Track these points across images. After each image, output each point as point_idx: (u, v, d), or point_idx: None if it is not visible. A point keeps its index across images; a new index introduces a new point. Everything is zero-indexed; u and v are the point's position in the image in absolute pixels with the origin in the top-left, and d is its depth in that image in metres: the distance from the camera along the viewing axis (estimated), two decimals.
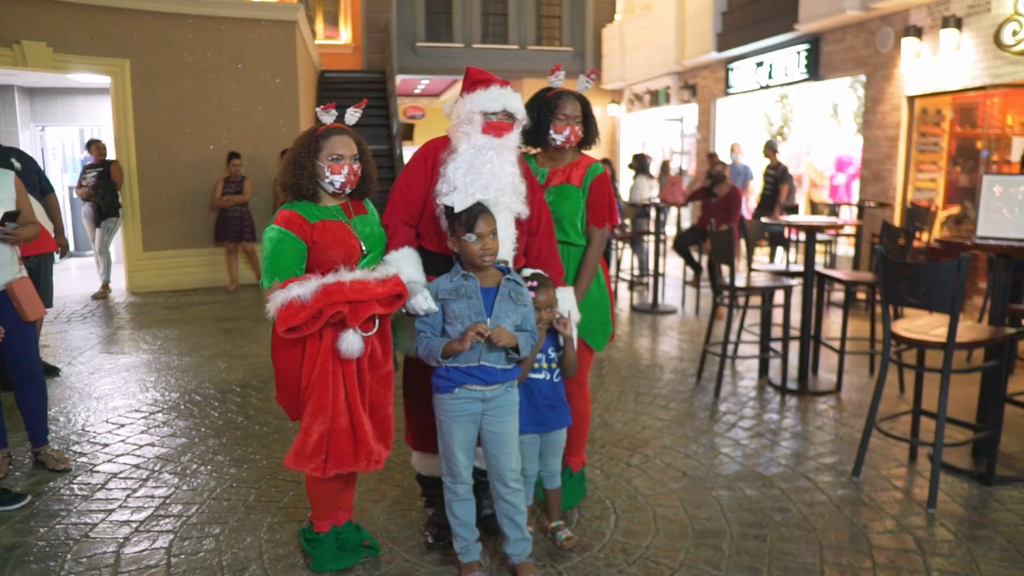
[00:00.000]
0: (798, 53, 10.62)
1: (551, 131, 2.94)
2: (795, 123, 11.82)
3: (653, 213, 7.60)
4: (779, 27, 10.61)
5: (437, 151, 2.74)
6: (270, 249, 2.49)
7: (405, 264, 2.60)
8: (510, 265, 2.67)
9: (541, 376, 2.75)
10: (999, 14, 7.47)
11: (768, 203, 9.06)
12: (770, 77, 11.32)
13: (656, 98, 15.37)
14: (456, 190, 2.57)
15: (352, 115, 2.69)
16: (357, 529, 2.87)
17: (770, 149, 9.51)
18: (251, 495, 3.35)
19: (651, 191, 8.56)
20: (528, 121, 2.80)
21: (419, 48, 17.98)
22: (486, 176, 2.59)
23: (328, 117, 2.65)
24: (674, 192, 7.27)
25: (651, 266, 7.55)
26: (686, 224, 12.60)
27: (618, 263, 8.57)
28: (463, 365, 2.50)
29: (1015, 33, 7.26)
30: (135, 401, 4.68)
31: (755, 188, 10.34)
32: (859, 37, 9.51)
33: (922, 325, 3.57)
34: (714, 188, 7.11)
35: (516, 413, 2.62)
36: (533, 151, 3.10)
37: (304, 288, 2.41)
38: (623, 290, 8.57)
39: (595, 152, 3.27)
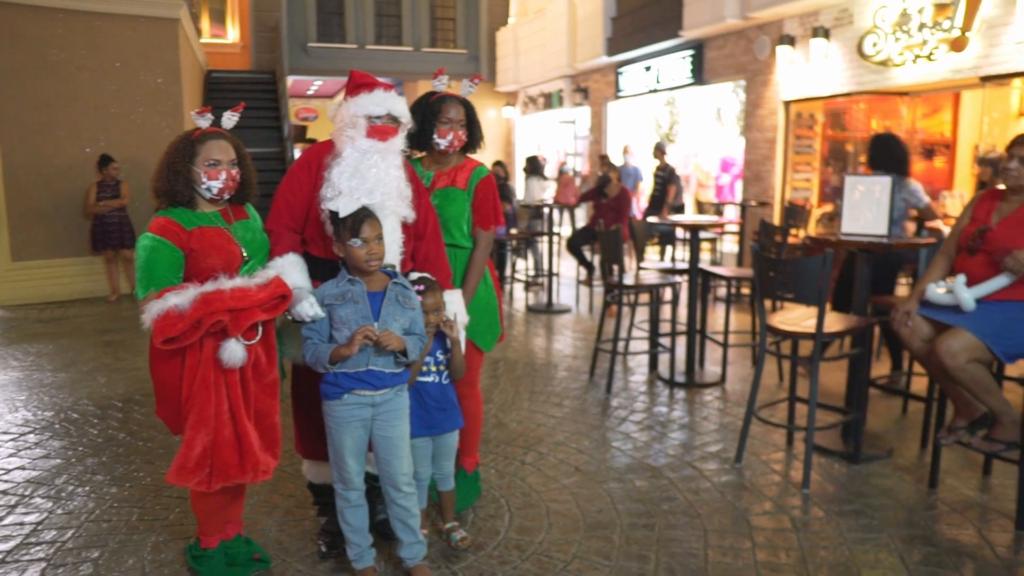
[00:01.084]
0: (683, 59, 11.04)
1: (435, 135, 2.95)
2: (682, 126, 12.28)
3: (548, 214, 7.73)
4: (665, 33, 11.00)
5: (321, 155, 2.71)
6: (144, 258, 2.40)
7: (290, 270, 2.56)
8: (397, 269, 2.67)
9: (430, 379, 2.76)
10: (861, 26, 8.01)
11: (657, 203, 9.38)
12: (658, 81, 11.72)
13: (550, 100, 15.63)
14: (341, 195, 2.55)
15: (229, 119, 2.62)
16: (247, 542, 2.80)
17: (659, 151, 9.84)
18: (134, 515, 3.21)
19: (544, 193, 8.71)
20: (413, 125, 2.81)
21: (311, 49, 17.63)
22: (371, 180, 2.59)
23: (204, 121, 2.58)
24: (566, 193, 7.42)
25: (546, 266, 7.68)
26: (582, 225, 12.88)
27: (513, 265, 8.67)
28: (351, 370, 2.48)
29: (875, 44, 7.80)
30: (2, 423, 4.39)
31: (646, 189, 10.67)
32: (739, 44, 9.98)
33: (795, 317, 3.79)
34: (604, 189, 7.31)
35: (406, 417, 2.62)
36: (419, 155, 3.11)
37: (181, 297, 2.34)
38: (519, 291, 8.68)
39: (490, 154, 3.32)
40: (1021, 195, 3.24)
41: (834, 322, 3.63)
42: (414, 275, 2.73)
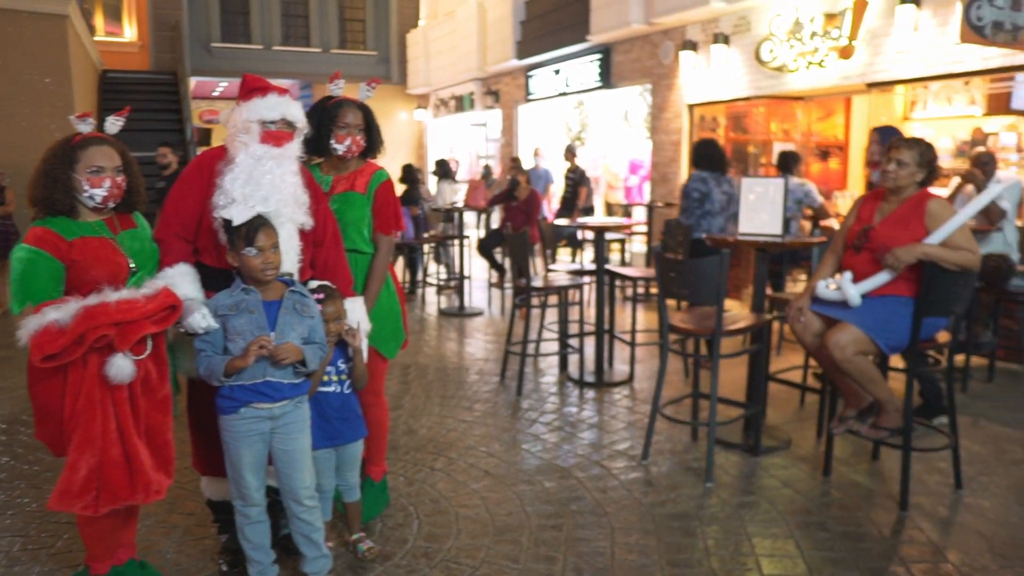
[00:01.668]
0: (592, 62, 11.22)
1: (332, 140, 2.90)
2: (592, 128, 12.48)
3: (459, 217, 7.72)
4: (573, 37, 11.16)
5: (213, 161, 2.62)
6: (19, 271, 2.27)
7: (180, 281, 2.46)
8: (295, 277, 2.61)
9: (331, 389, 2.71)
10: (758, 33, 8.32)
11: (569, 205, 9.50)
12: (567, 85, 11.87)
13: (461, 103, 15.62)
14: (234, 202, 2.47)
15: (113, 124, 2.50)
16: (141, 566, 2.68)
17: (570, 153, 9.98)
18: (16, 544, 3.02)
19: (455, 196, 8.70)
20: (309, 130, 2.76)
21: (214, 49, 17.09)
22: (266, 187, 2.52)
23: (84, 126, 2.45)
24: (476, 197, 7.43)
25: (458, 269, 7.67)
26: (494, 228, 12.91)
27: (425, 269, 8.62)
28: (248, 383, 2.41)
29: (771, 51, 8.12)
30: None
31: (557, 191, 10.79)
32: (644, 49, 10.21)
33: (697, 316, 3.89)
34: (514, 192, 7.36)
35: (307, 429, 2.56)
36: (317, 160, 3.05)
37: (62, 312, 2.22)
38: (431, 294, 8.64)
39: (403, 157, 3.28)
40: (900, 196, 3.43)
41: (732, 320, 3.75)
42: (313, 283, 2.67)
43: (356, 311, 2.78)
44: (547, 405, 4.69)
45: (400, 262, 8.11)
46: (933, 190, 3.51)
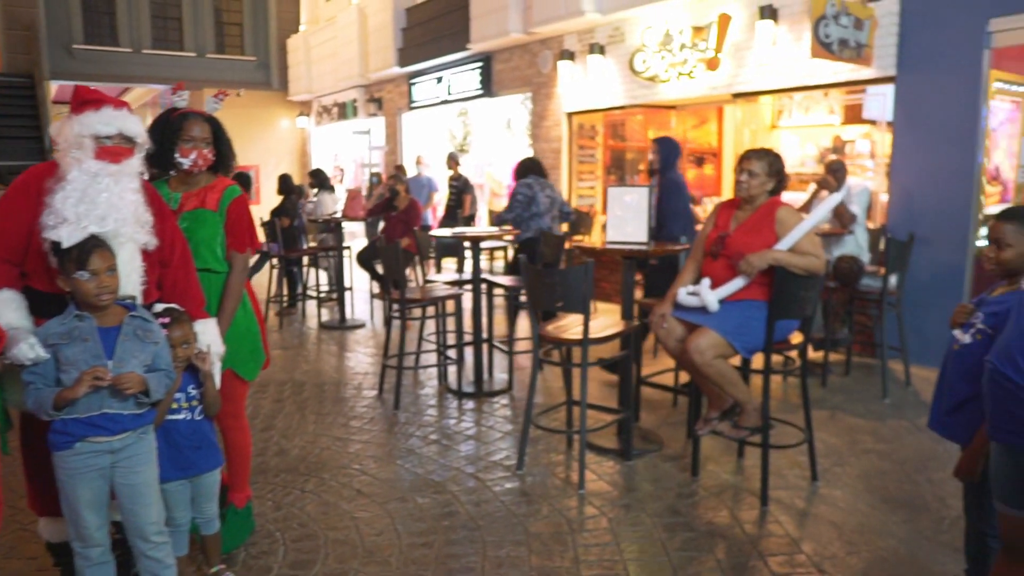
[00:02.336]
0: (473, 71, 11.26)
1: (177, 154, 2.76)
2: (475, 136, 12.52)
3: (338, 228, 7.55)
4: (454, 45, 11.16)
5: (42, 178, 2.44)
6: None
7: (4, 308, 2.28)
8: (138, 301, 2.46)
9: (181, 416, 2.57)
10: (631, 44, 8.56)
11: (453, 213, 9.48)
12: (449, 93, 11.87)
13: (344, 111, 15.35)
14: (66, 222, 2.30)
15: None
16: None
17: (452, 161, 9.96)
18: None
19: (335, 206, 8.52)
20: (151, 145, 2.61)
21: (77, 51, 16.11)
22: (103, 206, 2.36)
23: None
24: (354, 207, 7.29)
25: (339, 281, 7.50)
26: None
27: (304, 283, 8.40)
28: (82, 415, 2.25)
29: (644, 61, 8.37)
30: None
31: (442, 199, 10.75)
32: (524, 58, 10.33)
33: (568, 324, 3.94)
34: (394, 202, 7.27)
35: (154, 461, 2.41)
36: (165, 176, 2.90)
37: None
38: (312, 307, 8.42)
39: (285, 166, 3.16)
40: (753, 204, 3.59)
41: (601, 327, 3.82)
42: (159, 306, 2.53)
43: (208, 333, 2.65)
44: (425, 418, 4.64)
45: (272, 276, 7.86)
46: (792, 195, 3.69)
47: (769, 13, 6.85)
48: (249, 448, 3.11)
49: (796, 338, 3.64)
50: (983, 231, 5.75)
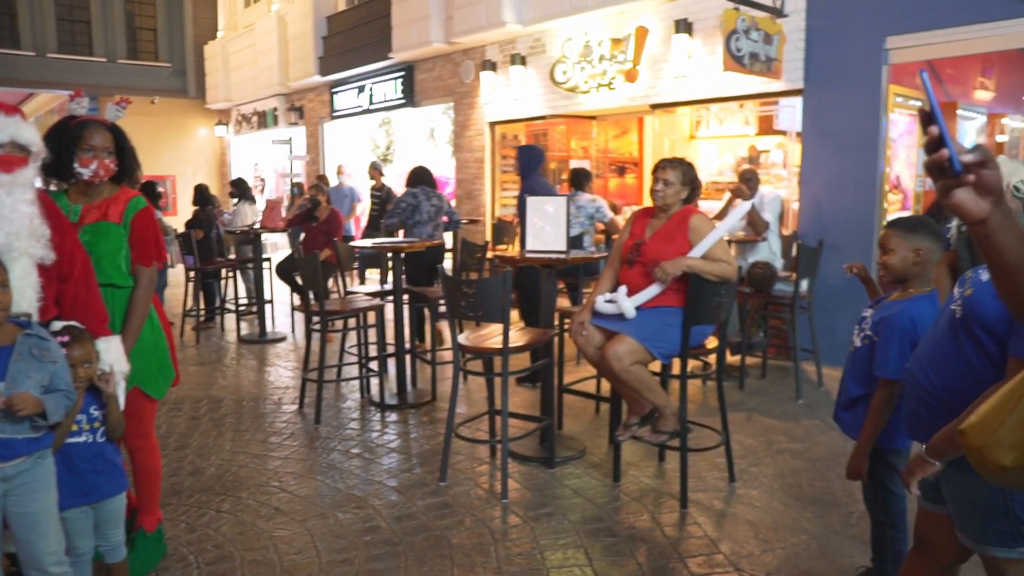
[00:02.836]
0: (395, 80, 11.19)
1: (76, 164, 2.64)
2: (398, 145, 12.44)
3: (257, 239, 7.37)
4: (376, 55, 11.08)
5: None
6: None
7: None
8: (33, 318, 2.33)
9: (81, 439, 2.45)
10: (552, 55, 8.67)
11: (376, 223, 9.36)
12: (371, 102, 11.76)
13: (264, 119, 15.04)
14: None
15: None
16: None
17: (375, 170, 9.85)
18: None
19: (255, 217, 8.31)
20: (48, 154, 2.49)
21: None
22: None
23: None
24: (273, 217, 7.13)
25: (259, 294, 7.32)
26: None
27: (222, 297, 8.16)
28: None
29: (565, 72, 8.48)
30: None
31: (364, 209, 10.63)
32: (446, 68, 10.33)
33: (489, 333, 3.94)
34: (314, 212, 7.14)
35: (51, 487, 2.29)
36: (65, 186, 2.77)
37: None
38: (231, 321, 8.18)
39: (202, 176, 3.04)
40: (668, 212, 3.67)
41: (521, 336, 3.84)
42: (57, 324, 2.41)
43: (111, 351, 2.54)
44: (346, 431, 4.56)
45: (189, 289, 7.62)
46: (708, 203, 3.79)
47: (684, 27, 7.04)
48: (159, 469, 2.99)
49: (711, 343, 3.73)
50: None
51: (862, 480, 2.49)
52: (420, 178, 6.44)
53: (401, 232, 6.33)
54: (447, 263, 9.62)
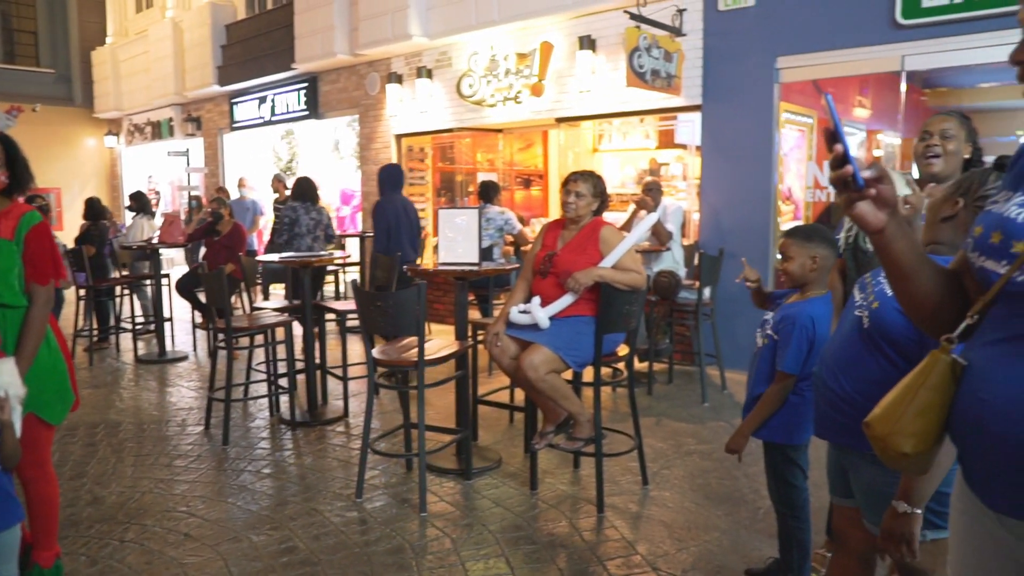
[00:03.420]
0: (298, 91, 10.99)
1: None
2: (302, 158, 12.20)
3: (156, 254, 7.07)
4: (278, 65, 10.86)
5: None
6: None
7: None
8: None
9: None
10: (458, 69, 8.72)
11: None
12: (273, 113, 11.50)
13: (159, 130, 14.46)
14: None
15: None
16: None
17: (279, 183, 9.63)
18: None
19: (152, 231, 7.97)
20: None
21: None
22: None
23: None
24: (172, 232, 6.86)
25: (157, 312, 7.01)
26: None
27: (117, 315, 7.78)
28: None
29: (471, 86, 8.54)
30: None
31: (268, 223, 10.37)
32: (351, 80, 10.22)
33: (403, 346, 3.92)
34: (216, 226, 6.91)
35: None
36: None
37: None
38: (126, 341, 7.80)
39: (91, 188, 2.88)
40: (579, 224, 3.76)
41: (436, 348, 3.84)
42: None
43: (5, 374, 2.39)
44: (257, 451, 4.43)
45: (80, 308, 7.23)
46: (613, 214, 3.90)
47: (588, 43, 7.23)
48: (56, 500, 2.82)
49: (623, 350, 3.84)
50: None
51: (736, 456, 2.67)
52: (303, 192, 6.68)
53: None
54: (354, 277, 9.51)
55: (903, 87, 5.67)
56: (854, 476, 2.02)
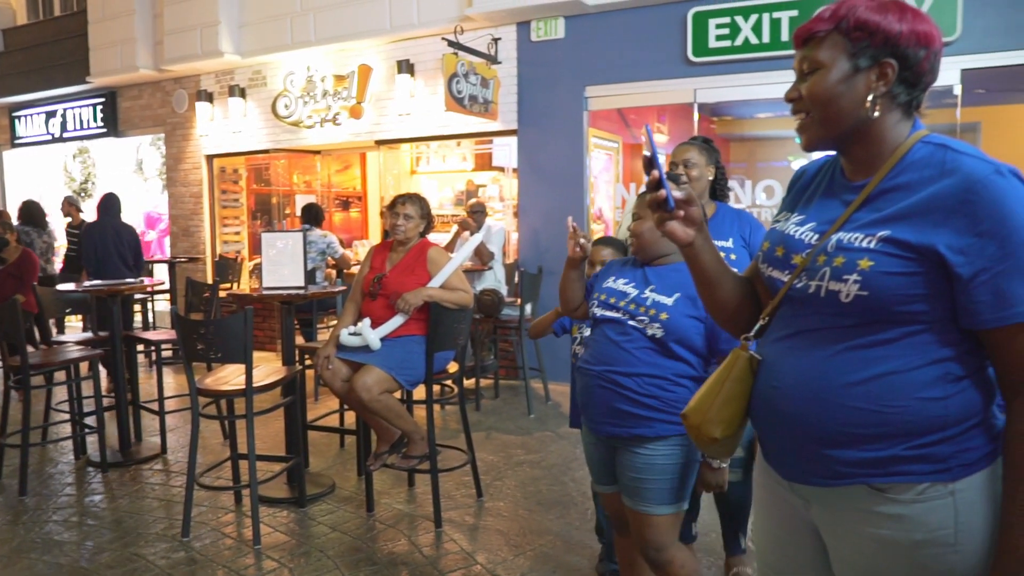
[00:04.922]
0: (94, 106, 10.20)
1: None
2: (100, 179, 11.31)
3: None
4: (70, 78, 10.03)
5: None
6: None
7: None
8: None
9: None
10: (274, 88, 8.50)
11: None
12: (64, 130, 10.58)
13: None
14: None
15: None
16: None
17: (71, 206, 8.84)
18: None
19: None
20: None
21: None
22: None
23: None
24: None
25: None
26: None
27: None
28: None
29: (287, 106, 8.37)
30: None
31: (61, 248, 9.49)
32: (156, 96, 9.64)
33: (227, 375, 3.78)
34: (1, 253, 6.25)
35: None
36: None
37: None
38: None
39: None
40: (406, 246, 3.83)
41: (265, 375, 3.74)
42: None
43: None
44: (62, 499, 4.06)
45: None
46: (435, 235, 4.00)
47: (406, 67, 7.33)
48: None
49: (453, 367, 3.94)
50: None
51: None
52: (32, 216, 7.01)
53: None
54: (163, 306, 8.94)
55: (696, 116, 6.28)
56: (620, 461, 2.25)
